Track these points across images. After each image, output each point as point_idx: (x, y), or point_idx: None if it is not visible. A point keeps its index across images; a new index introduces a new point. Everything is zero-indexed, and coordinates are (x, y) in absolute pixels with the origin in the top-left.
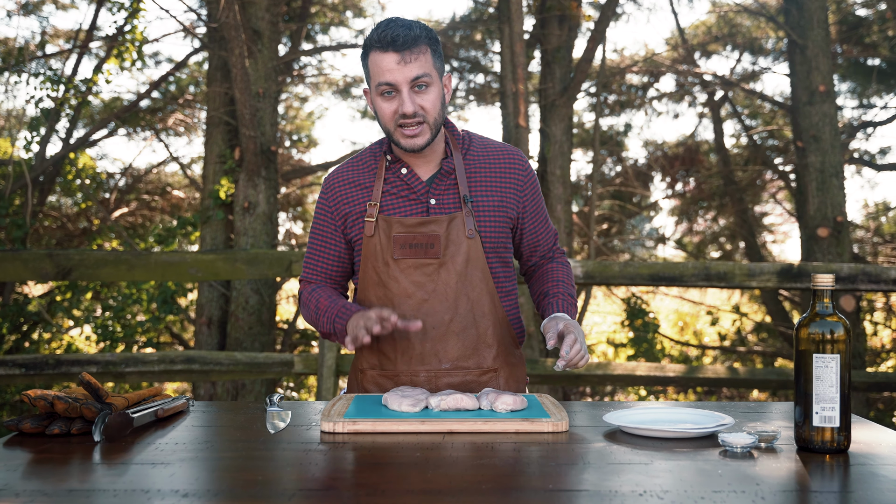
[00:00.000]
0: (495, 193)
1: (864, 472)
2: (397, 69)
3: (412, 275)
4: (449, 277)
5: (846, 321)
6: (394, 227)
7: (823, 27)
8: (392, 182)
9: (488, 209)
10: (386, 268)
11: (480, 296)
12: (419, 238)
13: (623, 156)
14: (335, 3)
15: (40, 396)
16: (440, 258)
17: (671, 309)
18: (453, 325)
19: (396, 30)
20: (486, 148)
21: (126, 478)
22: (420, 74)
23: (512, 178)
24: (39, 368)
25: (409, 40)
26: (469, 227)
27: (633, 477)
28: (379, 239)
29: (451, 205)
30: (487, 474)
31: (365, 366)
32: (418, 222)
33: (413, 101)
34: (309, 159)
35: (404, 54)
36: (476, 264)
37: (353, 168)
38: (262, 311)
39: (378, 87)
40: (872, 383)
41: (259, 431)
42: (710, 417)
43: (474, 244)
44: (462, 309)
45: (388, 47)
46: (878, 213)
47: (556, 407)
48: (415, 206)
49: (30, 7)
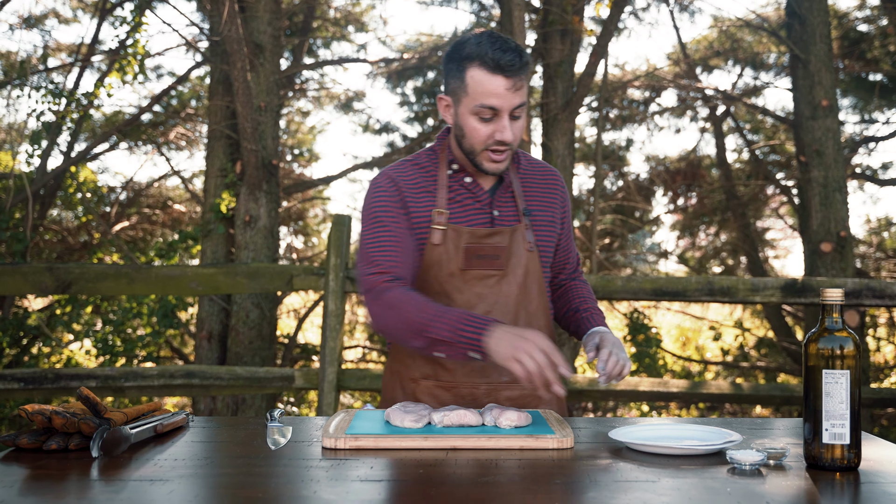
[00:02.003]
0: (546, 209)
1: (875, 491)
2: (505, 95)
3: (475, 286)
4: (510, 290)
5: (856, 336)
6: (464, 236)
7: (826, 42)
8: (456, 190)
9: (542, 224)
10: (450, 278)
11: (537, 309)
12: (486, 249)
13: (625, 170)
14: (337, 17)
15: (38, 411)
16: (503, 270)
17: (673, 324)
18: None
19: (509, 54)
20: (532, 164)
21: (124, 494)
22: (521, 103)
23: (556, 195)
24: (38, 383)
25: (520, 67)
26: (529, 241)
27: (640, 495)
28: (446, 248)
29: (511, 217)
30: (492, 492)
31: (418, 375)
32: (487, 233)
33: (511, 130)
34: (310, 173)
35: (515, 81)
36: (534, 277)
37: (413, 169)
38: (262, 325)
39: (477, 108)
40: (877, 399)
41: (259, 447)
42: (718, 434)
43: (533, 257)
44: (521, 322)
45: (500, 70)
46: (881, 229)
47: (561, 423)
48: (480, 216)
49: (32, 21)
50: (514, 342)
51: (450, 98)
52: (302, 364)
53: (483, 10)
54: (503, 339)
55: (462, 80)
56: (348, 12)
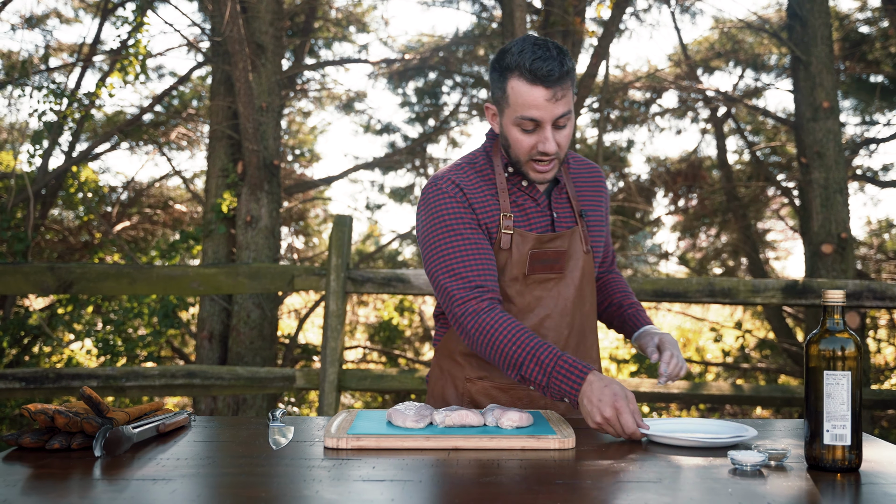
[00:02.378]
0: (597, 209)
1: (875, 492)
2: (545, 106)
3: (535, 290)
4: (568, 292)
5: (857, 338)
6: (529, 241)
7: (827, 44)
8: (515, 193)
9: (595, 225)
10: (514, 283)
11: (591, 311)
12: (549, 254)
13: (626, 171)
14: (338, 17)
15: (41, 410)
16: (562, 273)
17: (673, 325)
18: (570, 339)
19: (549, 63)
20: (579, 163)
21: (127, 494)
22: (565, 112)
23: (602, 193)
24: (40, 382)
25: (562, 76)
26: (585, 243)
27: (642, 495)
28: (511, 253)
29: (569, 219)
30: (494, 492)
31: (473, 375)
32: (550, 237)
33: (554, 140)
34: (311, 174)
35: (556, 91)
36: (588, 279)
37: (471, 172)
38: (263, 325)
39: (519, 119)
40: (878, 401)
41: (261, 447)
42: (731, 428)
43: (589, 260)
44: (577, 324)
45: (539, 81)
46: (881, 230)
47: (563, 423)
48: (541, 219)
49: (34, 21)
50: (600, 396)
51: (495, 107)
52: (303, 364)
53: (484, 11)
54: (589, 394)
55: (504, 91)
56: (350, 13)
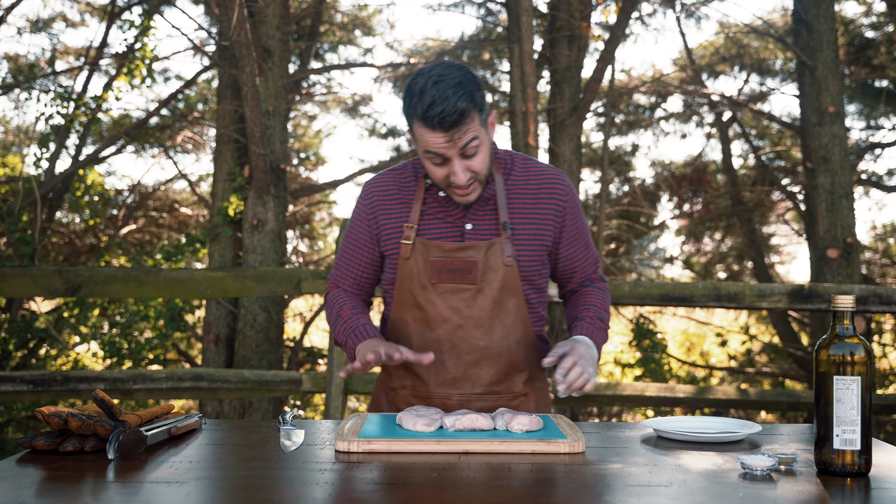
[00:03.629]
0: (534, 220)
1: (885, 497)
2: (447, 146)
3: (449, 299)
4: (485, 304)
5: (867, 343)
6: (431, 251)
7: (833, 48)
8: (430, 203)
9: (526, 236)
10: (423, 291)
11: (515, 323)
12: (457, 263)
13: (631, 175)
14: (344, 21)
15: (54, 413)
16: (477, 284)
17: (678, 329)
18: (488, 350)
19: (443, 105)
20: (528, 170)
21: (141, 496)
22: (469, 141)
23: (552, 202)
24: (47, 385)
25: (456, 118)
26: (507, 255)
27: (652, 499)
28: (416, 262)
29: (488, 230)
30: (505, 496)
31: (397, 385)
32: (456, 247)
33: (464, 170)
34: (317, 177)
35: (452, 133)
36: (511, 291)
37: (394, 180)
38: (269, 328)
39: (426, 154)
40: (883, 406)
41: (272, 450)
42: (737, 425)
43: (511, 272)
44: (497, 335)
45: (436, 127)
46: (887, 235)
47: (572, 428)
48: (451, 229)
49: (40, 24)
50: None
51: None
52: (309, 367)
53: (490, 15)
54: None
55: (412, 129)
56: (355, 16)
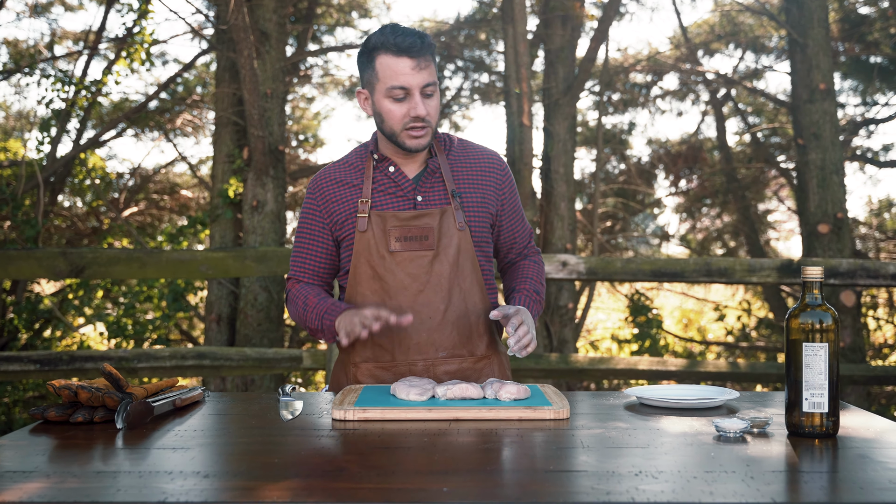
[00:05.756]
0: (477, 190)
1: (851, 455)
2: (412, 74)
3: (407, 267)
4: (442, 268)
5: (834, 311)
6: (388, 220)
7: (824, 26)
8: (380, 180)
9: (473, 204)
10: (381, 261)
11: (472, 286)
12: (414, 230)
13: (626, 154)
14: (341, 3)
15: (64, 386)
16: (434, 250)
17: (675, 305)
18: (448, 314)
19: (411, 37)
20: (466, 149)
21: (149, 461)
22: (430, 82)
23: (491, 176)
24: (54, 364)
25: (423, 48)
26: (459, 221)
27: (630, 459)
28: (373, 233)
29: (437, 201)
30: (492, 457)
31: (358, 359)
32: (413, 215)
33: (425, 106)
34: (315, 159)
35: (419, 61)
36: (467, 256)
37: (339, 169)
38: (270, 307)
39: (390, 90)
40: (872, 377)
41: (273, 419)
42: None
43: (465, 236)
44: (455, 299)
45: (403, 53)
46: (881, 210)
47: (558, 395)
48: (402, 202)
49: (39, 9)
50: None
51: (366, 90)
52: (309, 345)
53: None
54: (342, 319)
55: (373, 69)
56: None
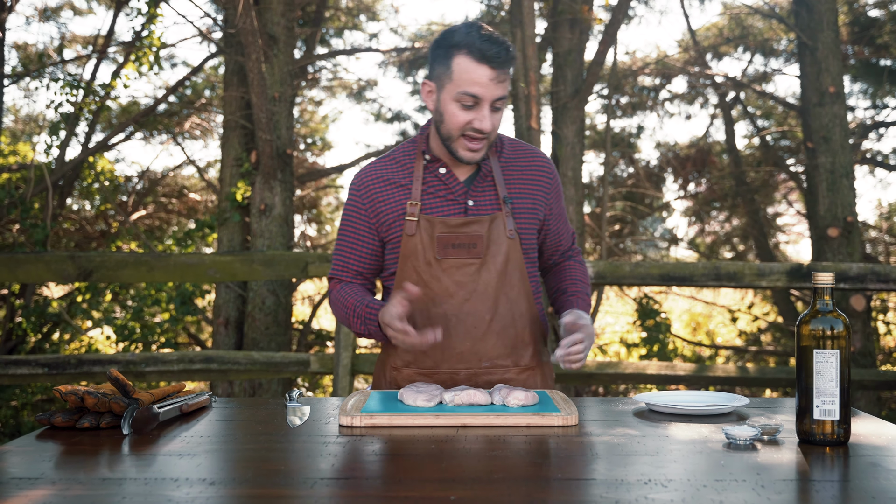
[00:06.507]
0: (528, 196)
1: (863, 463)
2: (488, 85)
3: (454, 274)
4: (490, 277)
5: (846, 318)
6: (437, 226)
7: (833, 29)
8: (430, 182)
9: (523, 211)
10: (428, 267)
11: (518, 296)
12: (462, 238)
13: (635, 157)
14: (349, 6)
15: (71, 391)
16: (482, 258)
17: (683, 309)
18: (493, 324)
19: (497, 46)
20: (517, 150)
21: (155, 467)
22: (503, 96)
23: (542, 180)
24: (62, 368)
25: (506, 61)
26: (510, 228)
27: (639, 468)
28: (420, 238)
29: (489, 206)
30: (499, 465)
31: (399, 363)
32: (461, 222)
33: (491, 120)
34: (323, 162)
35: (499, 73)
36: (515, 265)
37: (387, 166)
38: (278, 311)
39: (461, 95)
40: (882, 382)
41: (279, 425)
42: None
43: (514, 245)
44: (502, 308)
45: (485, 61)
46: (891, 213)
47: (566, 402)
48: (453, 206)
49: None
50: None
51: (434, 84)
52: (317, 349)
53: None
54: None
55: (448, 67)
56: (360, 1)
